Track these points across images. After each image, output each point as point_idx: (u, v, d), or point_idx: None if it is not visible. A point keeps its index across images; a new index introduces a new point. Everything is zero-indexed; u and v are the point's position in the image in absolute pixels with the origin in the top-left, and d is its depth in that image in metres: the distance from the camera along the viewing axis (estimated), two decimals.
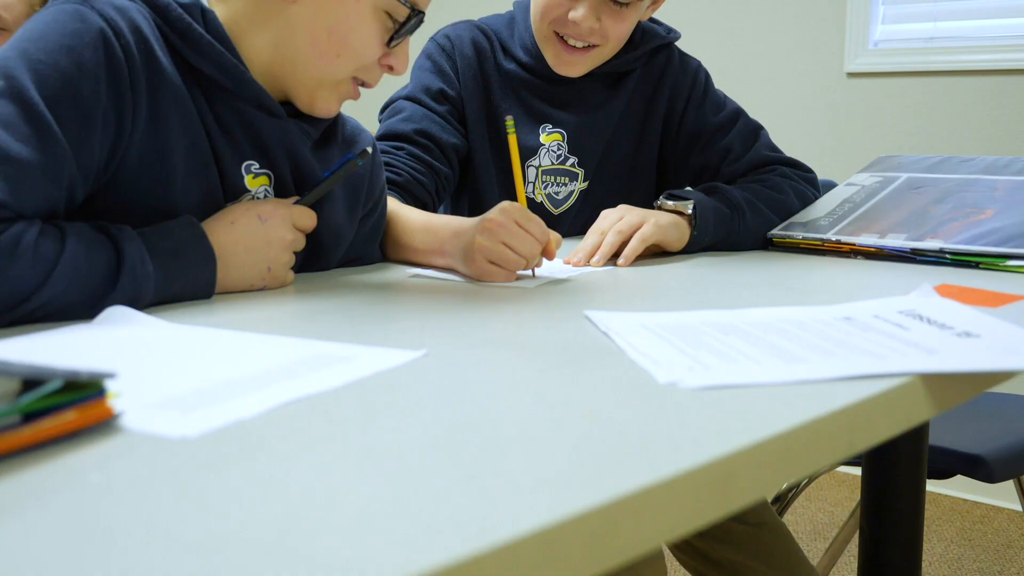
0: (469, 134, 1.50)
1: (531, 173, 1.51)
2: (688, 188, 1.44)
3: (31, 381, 0.57)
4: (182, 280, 1.01)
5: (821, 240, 1.35)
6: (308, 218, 1.12)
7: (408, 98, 1.48)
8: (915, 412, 0.73)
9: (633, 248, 1.26)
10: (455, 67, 1.49)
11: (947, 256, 1.25)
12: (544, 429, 0.60)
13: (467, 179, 1.53)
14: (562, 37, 1.43)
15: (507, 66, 1.51)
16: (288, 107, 1.12)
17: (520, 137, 1.51)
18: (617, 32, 1.43)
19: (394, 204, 1.33)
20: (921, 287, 1.02)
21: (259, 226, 1.07)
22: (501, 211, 1.15)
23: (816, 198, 1.51)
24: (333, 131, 1.19)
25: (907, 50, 3.07)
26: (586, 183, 1.54)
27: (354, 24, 1.07)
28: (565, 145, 1.52)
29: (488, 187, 1.51)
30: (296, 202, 1.12)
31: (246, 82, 1.06)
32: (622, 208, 1.32)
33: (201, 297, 1.03)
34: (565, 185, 1.53)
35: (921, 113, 3.05)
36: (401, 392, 0.68)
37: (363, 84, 1.13)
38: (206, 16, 1.06)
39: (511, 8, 1.59)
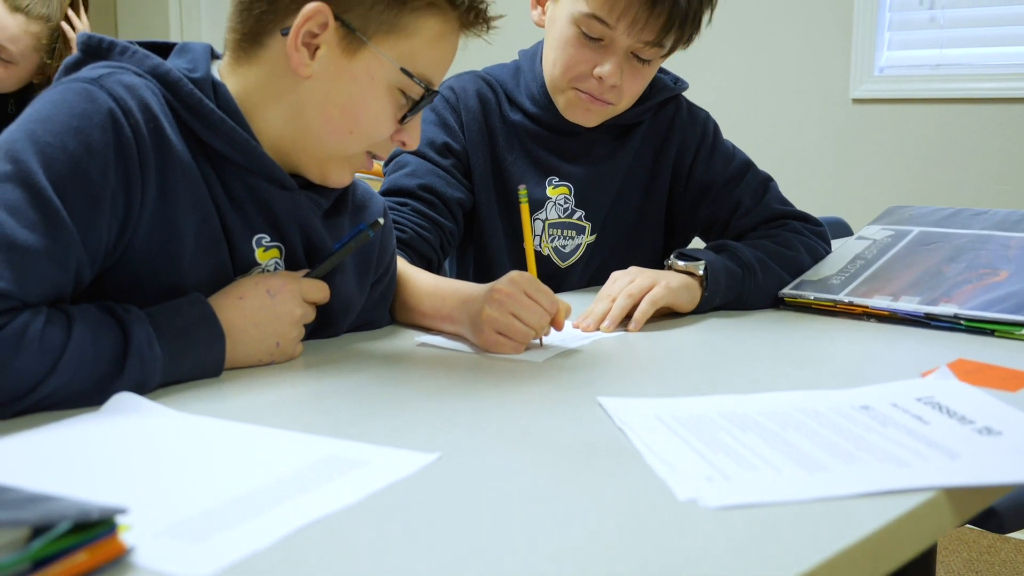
0: (475, 187, 1.49)
1: (537, 226, 1.50)
2: (698, 247, 1.43)
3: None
4: (190, 360, 1.00)
5: (833, 302, 1.34)
6: (319, 291, 1.11)
7: (412, 152, 1.47)
8: (937, 527, 0.72)
9: (644, 312, 1.25)
10: (460, 120, 1.48)
11: (961, 322, 1.24)
12: (565, 564, 0.58)
13: (473, 233, 1.52)
14: (580, 91, 1.42)
15: (513, 117, 1.50)
16: (299, 178, 1.11)
17: (527, 189, 1.49)
18: (633, 90, 1.43)
19: (402, 265, 1.32)
20: (939, 369, 1.00)
21: (268, 301, 1.06)
22: (510, 281, 1.14)
23: (827, 253, 1.50)
24: (344, 198, 1.18)
25: (913, 77, 3.06)
26: (593, 236, 1.53)
27: (367, 102, 1.05)
28: (572, 199, 1.51)
29: (494, 240, 1.50)
30: (307, 275, 1.11)
31: (257, 157, 1.05)
32: (632, 270, 1.31)
33: (210, 376, 1.02)
34: (572, 238, 1.52)
35: (927, 140, 3.04)
36: (416, 512, 0.67)
37: (375, 157, 1.12)
38: (218, 91, 1.05)
39: (516, 57, 1.57)
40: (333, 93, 1.05)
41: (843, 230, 2.23)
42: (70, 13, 2.44)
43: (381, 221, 1.15)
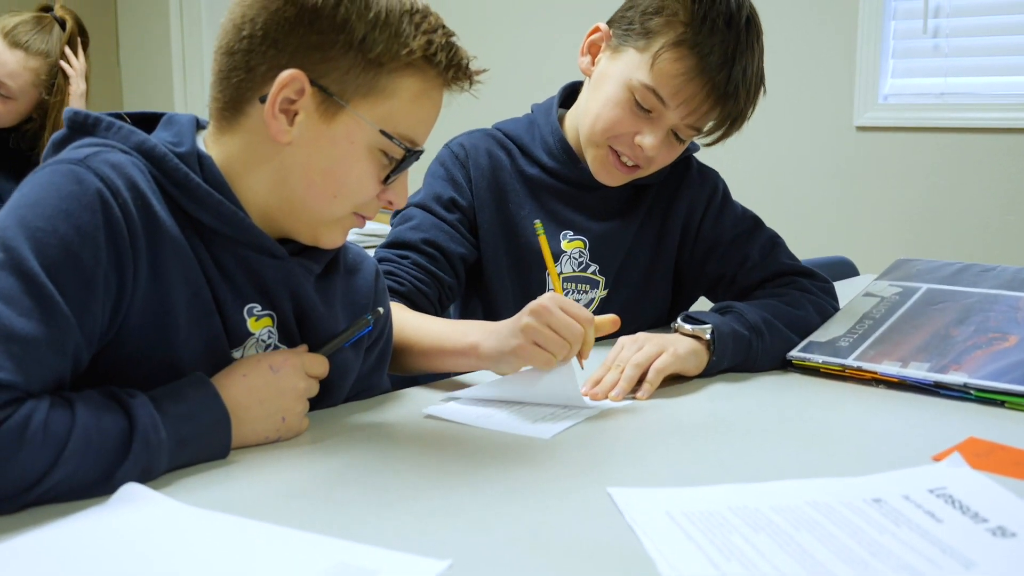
0: (481, 244, 1.48)
1: (549, 282, 1.50)
2: (704, 310, 1.42)
3: None
4: (197, 444, 0.99)
5: (842, 366, 1.33)
6: (320, 366, 1.11)
7: (419, 205, 1.47)
8: None
9: (652, 383, 1.25)
10: (468, 177, 1.48)
11: (971, 392, 1.23)
12: None
13: (480, 288, 1.52)
14: (614, 150, 1.42)
15: (529, 171, 1.50)
16: (290, 242, 1.11)
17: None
18: (664, 161, 1.45)
19: (407, 312, 1.33)
20: (951, 456, 1.00)
21: (271, 377, 1.06)
22: (549, 299, 1.18)
23: (835, 310, 1.50)
24: (335, 261, 1.18)
25: (917, 105, 3.06)
26: (606, 291, 1.53)
27: (349, 165, 1.05)
28: (587, 253, 1.51)
29: (501, 297, 1.50)
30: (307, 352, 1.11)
31: (246, 228, 1.05)
32: (640, 337, 1.31)
33: (217, 459, 1.01)
34: (586, 293, 1.52)
35: (932, 169, 3.04)
36: None
37: (363, 217, 1.11)
38: (203, 163, 1.05)
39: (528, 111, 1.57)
40: (314, 158, 1.04)
41: (849, 270, 2.22)
42: (67, 51, 2.44)
43: (381, 310, 1.16)
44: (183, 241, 1.02)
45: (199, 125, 1.11)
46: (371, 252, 2.36)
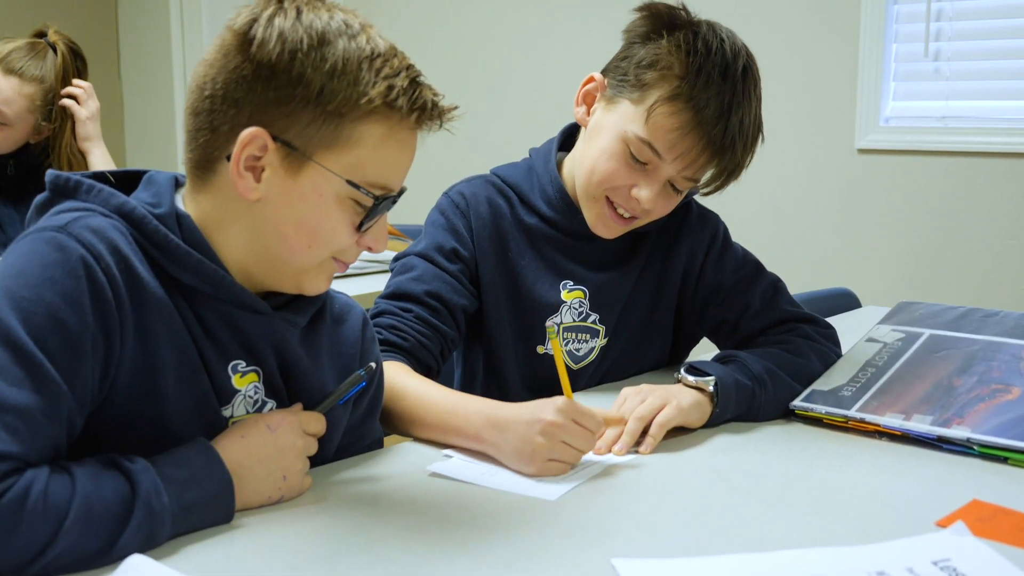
0: (483, 294, 1.48)
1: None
2: (706, 360, 1.42)
3: None
4: (201, 510, 0.99)
5: (845, 418, 1.33)
6: (317, 423, 1.12)
7: (420, 255, 1.46)
8: None
9: (655, 437, 1.26)
10: (469, 226, 1.47)
11: (974, 447, 1.24)
12: None
13: (481, 336, 1.51)
14: (610, 201, 1.42)
15: (528, 220, 1.50)
16: (274, 297, 1.11)
17: (540, 292, 1.49)
18: (661, 212, 1.44)
19: (407, 376, 1.32)
20: (955, 524, 1.00)
21: (270, 437, 1.06)
22: (558, 411, 1.17)
23: (838, 357, 1.50)
24: (321, 312, 1.17)
25: (919, 129, 3.06)
26: (606, 339, 1.52)
27: (320, 217, 1.05)
28: (587, 303, 1.50)
29: (502, 343, 1.50)
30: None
31: (227, 286, 1.05)
32: (643, 389, 1.31)
33: (221, 523, 1.01)
34: (586, 342, 1.52)
35: (934, 193, 3.04)
36: None
37: (344, 263, 1.11)
38: (182, 223, 1.05)
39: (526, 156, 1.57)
40: (285, 212, 1.04)
41: (851, 301, 2.22)
42: (72, 88, 2.44)
43: (373, 366, 1.15)
44: (167, 301, 1.02)
45: (178, 183, 1.11)
46: (376, 278, 2.38)
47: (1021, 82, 2.93)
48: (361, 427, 1.26)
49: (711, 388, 1.33)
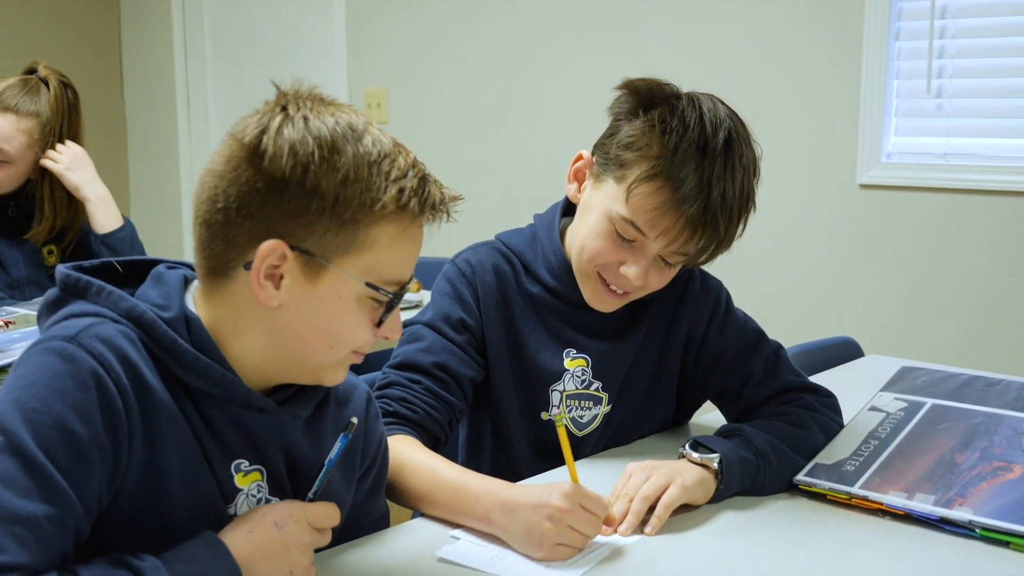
0: (489, 362, 1.49)
1: (555, 397, 1.51)
2: (710, 434, 1.43)
3: None
4: None
5: (848, 495, 1.35)
6: (329, 517, 1.12)
7: (428, 325, 1.47)
8: None
9: (660, 518, 1.27)
10: (476, 295, 1.49)
11: (976, 530, 1.25)
12: None
13: (487, 403, 1.52)
14: (603, 277, 1.43)
15: (532, 289, 1.51)
16: (277, 393, 1.12)
17: (544, 361, 1.50)
18: (657, 284, 1.44)
19: (417, 452, 1.33)
20: None
21: (277, 533, 1.07)
22: (564, 496, 1.18)
23: (840, 427, 1.51)
24: (325, 398, 1.18)
25: (921, 165, 3.07)
26: (609, 407, 1.54)
27: (339, 320, 1.06)
28: (590, 371, 1.51)
29: (509, 411, 1.51)
30: (309, 499, 1.12)
31: (235, 389, 1.06)
32: (648, 466, 1.32)
33: None
34: (589, 409, 1.53)
35: (936, 229, 3.04)
36: None
37: (362, 353, 1.12)
38: (191, 327, 1.06)
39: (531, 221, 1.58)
40: (304, 317, 1.06)
41: (853, 351, 2.23)
42: (44, 161, 2.46)
43: (355, 420, 1.13)
44: (174, 407, 1.04)
45: (186, 279, 1.11)
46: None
47: (1021, 121, 2.94)
48: (366, 504, 1.27)
49: (716, 465, 1.34)
